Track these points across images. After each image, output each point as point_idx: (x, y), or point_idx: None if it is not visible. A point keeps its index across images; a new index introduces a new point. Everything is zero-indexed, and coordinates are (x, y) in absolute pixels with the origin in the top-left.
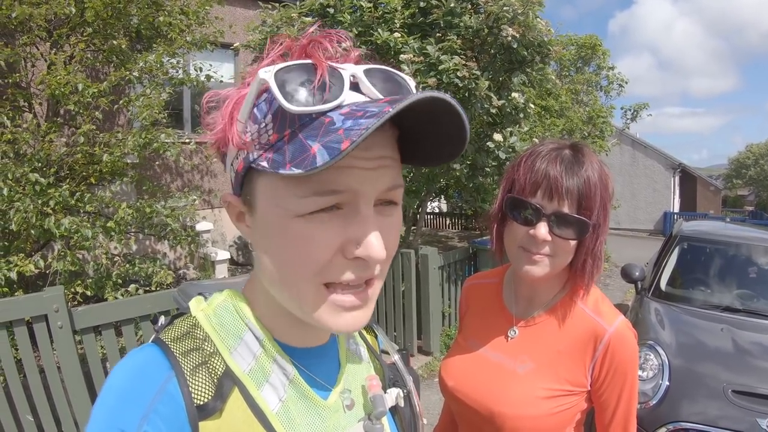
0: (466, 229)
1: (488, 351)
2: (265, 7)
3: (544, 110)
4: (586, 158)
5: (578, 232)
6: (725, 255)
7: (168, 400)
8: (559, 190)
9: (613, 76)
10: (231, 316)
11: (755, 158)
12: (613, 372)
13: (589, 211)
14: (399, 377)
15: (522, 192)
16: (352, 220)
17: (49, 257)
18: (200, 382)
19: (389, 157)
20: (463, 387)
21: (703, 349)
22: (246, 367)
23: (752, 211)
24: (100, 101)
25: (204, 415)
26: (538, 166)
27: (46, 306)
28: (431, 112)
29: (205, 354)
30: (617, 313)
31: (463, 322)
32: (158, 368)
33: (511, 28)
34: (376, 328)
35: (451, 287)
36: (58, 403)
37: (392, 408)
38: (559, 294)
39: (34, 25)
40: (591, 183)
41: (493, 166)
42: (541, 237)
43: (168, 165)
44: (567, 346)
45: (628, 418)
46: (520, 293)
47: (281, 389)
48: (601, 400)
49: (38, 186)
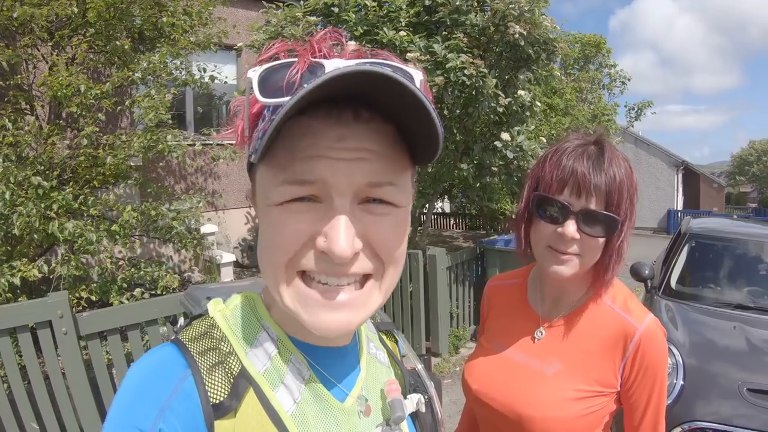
0: (470, 229)
1: (514, 353)
2: (269, 6)
3: (550, 108)
4: (611, 154)
5: (607, 229)
6: (735, 252)
7: (184, 398)
8: (587, 186)
9: (615, 73)
10: (247, 316)
11: (758, 155)
12: (643, 372)
13: (617, 208)
14: (420, 383)
15: (548, 189)
16: (325, 213)
17: (53, 262)
18: (216, 381)
19: (371, 150)
20: (488, 390)
21: (717, 348)
22: (261, 367)
23: (756, 207)
24: (103, 103)
25: (219, 414)
26: (564, 162)
27: (51, 312)
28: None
29: (221, 354)
30: (646, 311)
31: (486, 324)
32: (175, 367)
33: (517, 26)
34: (397, 333)
35: (459, 288)
36: (63, 410)
37: (413, 414)
38: (587, 293)
39: (36, 26)
40: (618, 179)
41: (500, 165)
42: (569, 235)
43: (172, 167)
44: (596, 345)
45: (658, 419)
46: (547, 293)
47: (296, 390)
48: (631, 401)
49: (41, 189)
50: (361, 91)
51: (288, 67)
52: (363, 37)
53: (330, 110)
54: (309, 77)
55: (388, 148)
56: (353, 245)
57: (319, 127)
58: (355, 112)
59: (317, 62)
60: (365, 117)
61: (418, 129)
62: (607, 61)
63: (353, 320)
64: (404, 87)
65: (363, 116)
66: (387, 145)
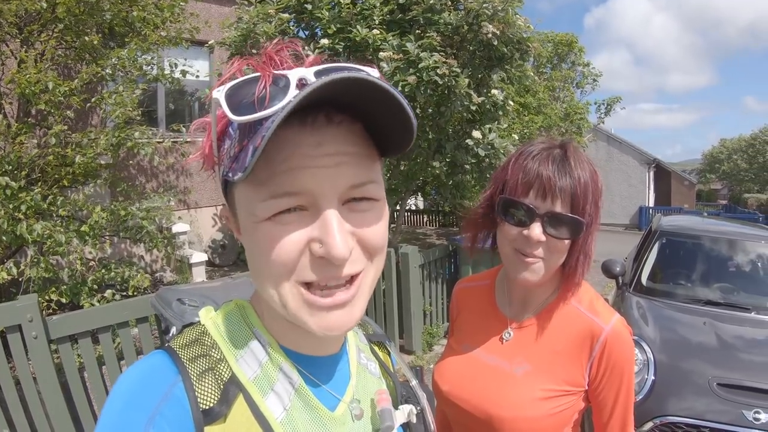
0: (443, 226)
1: (483, 354)
2: (241, 3)
3: (523, 107)
4: (576, 157)
5: (572, 231)
6: (705, 249)
7: (174, 404)
8: (552, 189)
9: (587, 71)
10: (238, 324)
11: (728, 153)
12: (610, 370)
13: (582, 210)
14: (412, 395)
15: (514, 192)
16: (315, 220)
17: (21, 264)
18: (206, 387)
19: (348, 153)
20: (458, 391)
21: (687, 344)
22: (251, 374)
23: (726, 205)
24: (71, 100)
25: (209, 419)
26: (529, 166)
27: (20, 316)
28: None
29: (212, 360)
30: (612, 311)
31: (455, 325)
32: (165, 373)
33: (491, 25)
34: (390, 345)
35: (432, 285)
36: (35, 415)
37: (405, 425)
38: (553, 294)
39: (4, 22)
40: (583, 182)
41: (472, 163)
42: (535, 237)
43: (143, 166)
44: (563, 346)
45: (626, 416)
46: (514, 295)
47: (286, 398)
48: (599, 399)
49: (9, 190)
50: (330, 96)
51: (252, 82)
52: (336, 35)
53: (304, 118)
54: (275, 90)
55: (362, 147)
56: (348, 245)
57: (294, 136)
58: (327, 115)
59: (281, 74)
60: (337, 119)
61: (392, 123)
62: (580, 60)
63: (354, 315)
64: (381, 88)
65: (335, 119)
66: (361, 144)
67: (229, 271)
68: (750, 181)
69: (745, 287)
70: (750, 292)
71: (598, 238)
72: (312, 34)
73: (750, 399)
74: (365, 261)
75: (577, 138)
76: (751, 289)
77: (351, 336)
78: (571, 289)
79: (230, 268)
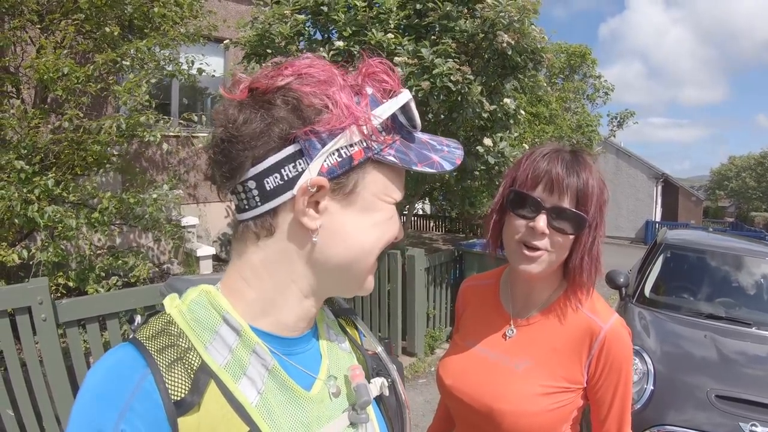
0: (450, 232)
1: (486, 350)
2: (257, 3)
3: (535, 117)
4: (585, 162)
5: (575, 226)
6: (708, 264)
7: (144, 398)
8: (560, 184)
9: (599, 84)
10: (205, 310)
11: (737, 171)
12: (608, 369)
13: (587, 208)
14: (382, 367)
15: (523, 186)
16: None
17: (32, 248)
18: (176, 377)
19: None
20: (461, 385)
21: (687, 356)
22: (222, 360)
23: (733, 222)
24: (87, 87)
25: (182, 410)
26: (539, 162)
27: (30, 298)
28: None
29: (180, 350)
30: (612, 311)
31: (460, 322)
32: (134, 366)
33: (506, 34)
34: (356, 319)
35: (437, 289)
36: (40, 398)
37: (377, 397)
38: (555, 293)
39: (26, 9)
40: (590, 184)
41: (481, 170)
42: (539, 229)
43: (154, 159)
44: (563, 343)
45: (623, 414)
46: (517, 293)
47: (259, 381)
48: (597, 397)
49: (23, 174)
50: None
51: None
52: (351, 38)
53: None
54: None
55: None
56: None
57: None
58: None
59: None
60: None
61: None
62: (592, 72)
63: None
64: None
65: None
66: None
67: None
68: (758, 200)
69: (747, 302)
70: (751, 308)
71: (603, 251)
72: (327, 36)
73: (747, 412)
74: None
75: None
76: (753, 305)
77: (319, 314)
78: (577, 290)
79: None
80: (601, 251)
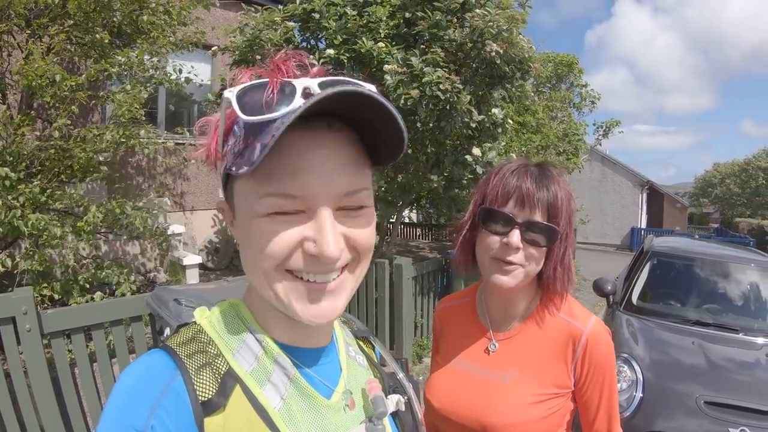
0: (437, 240)
1: (471, 368)
2: (247, 9)
3: (521, 126)
4: (552, 175)
5: (548, 239)
6: (695, 271)
7: (174, 397)
8: (530, 198)
9: (586, 93)
10: (233, 320)
11: (721, 177)
12: (593, 370)
13: (557, 220)
14: (399, 385)
15: (494, 203)
16: (310, 221)
17: (17, 256)
18: (204, 380)
19: (345, 159)
20: (450, 406)
21: (676, 363)
22: (248, 367)
23: (717, 228)
24: (77, 95)
25: (209, 410)
26: (509, 179)
27: (15, 308)
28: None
29: (209, 356)
30: (589, 313)
31: (440, 343)
32: (164, 368)
33: (494, 44)
34: (374, 340)
35: (424, 298)
36: (24, 409)
37: (394, 414)
38: (532, 303)
39: (13, 13)
40: (558, 196)
41: (469, 178)
42: (514, 244)
43: (141, 166)
44: (547, 350)
45: (611, 414)
46: (494, 307)
47: (282, 388)
48: (584, 399)
49: (8, 181)
50: (331, 106)
51: (261, 87)
52: (342, 46)
53: (305, 123)
54: (282, 96)
55: (357, 155)
56: (339, 246)
57: (296, 139)
58: (328, 123)
59: (287, 82)
60: (336, 127)
61: (385, 134)
62: (579, 81)
63: (338, 305)
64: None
65: (334, 126)
66: (356, 152)
67: (222, 275)
68: (742, 206)
69: (734, 309)
70: (738, 314)
71: (589, 258)
72: (317, 44)
73: (736, 417)
74: (353, 256)
75: (573, 159)
76: (740, 311)
77: (339, 330)
78: (552, 299)
79: (223, 272)
80: (572, 260)
